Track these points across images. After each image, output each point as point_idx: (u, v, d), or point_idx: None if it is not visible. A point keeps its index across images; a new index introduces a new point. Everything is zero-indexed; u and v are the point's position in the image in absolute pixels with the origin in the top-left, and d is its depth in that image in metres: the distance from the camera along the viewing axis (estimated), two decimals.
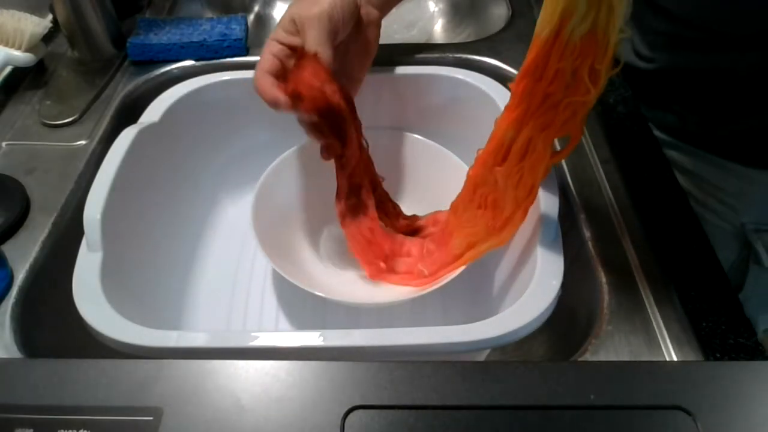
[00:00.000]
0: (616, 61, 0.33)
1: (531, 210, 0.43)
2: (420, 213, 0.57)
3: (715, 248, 0.61)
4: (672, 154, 0.62)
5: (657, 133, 0.62)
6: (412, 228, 0.55)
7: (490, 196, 0.41)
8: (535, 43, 0.33)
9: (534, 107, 0.35)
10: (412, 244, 0.53)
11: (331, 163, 0.51)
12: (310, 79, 0.44)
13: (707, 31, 0.52)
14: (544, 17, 0.32)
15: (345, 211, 0.51)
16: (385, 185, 0.56)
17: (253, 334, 0.36)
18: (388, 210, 0.55)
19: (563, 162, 0.52)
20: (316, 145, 0.55)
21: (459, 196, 0.46)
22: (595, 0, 0.30)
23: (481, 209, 0.42)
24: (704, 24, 0.52)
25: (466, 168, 0.54)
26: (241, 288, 0.56)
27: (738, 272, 0.62)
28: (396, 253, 0.53)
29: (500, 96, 0.53)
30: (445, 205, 0.54)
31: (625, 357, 0.38)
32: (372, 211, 0.53)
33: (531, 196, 0.39)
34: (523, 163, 0.38)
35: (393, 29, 0.84)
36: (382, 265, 0.51)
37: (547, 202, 0.43)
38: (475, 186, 0.42)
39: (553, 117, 0.35)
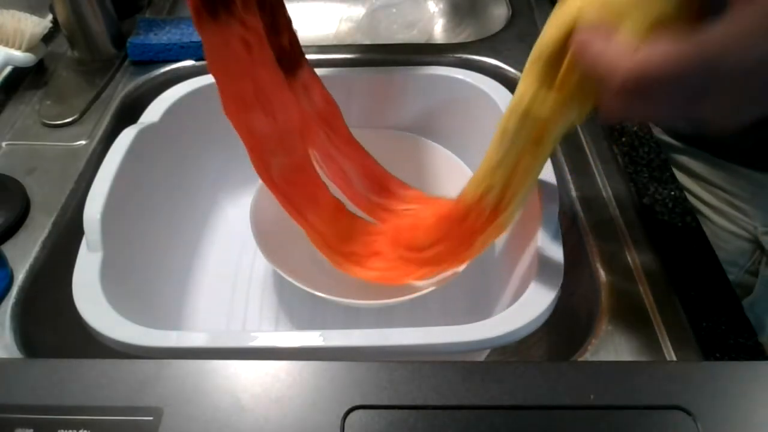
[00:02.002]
0: None
1: (531, 210, 0.43)
2: None
3: (728, 253, 0.61)
4: (684, 159, 0.61)
5: (668, 139, 0.62)
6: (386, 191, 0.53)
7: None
8: (463, 199, 0.39)
9: (452, 235, 0.42)
10: (379, 237, 0.51)
11: None
12: None
13: None
14: (470, 187, 0.39)
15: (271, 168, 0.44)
16: None
17: (252, 334, 0.36)
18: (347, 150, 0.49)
19: (563, 161, 0.52)
20: None
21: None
22: (509, 182, 0.36)
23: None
24: None
25: (466, 168, 0.54)
26: (241, 288, 0.56)
27: (750, 276, 0.62)
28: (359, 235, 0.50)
29: (500, 96, 0.53)
30: None
31: (625, 357, 0.38)
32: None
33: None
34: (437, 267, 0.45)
35: (393, 29, 0.84)
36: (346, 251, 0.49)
37: (547, 202, 0.43)
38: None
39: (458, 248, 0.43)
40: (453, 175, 0.54)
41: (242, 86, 0.41)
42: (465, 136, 0.57)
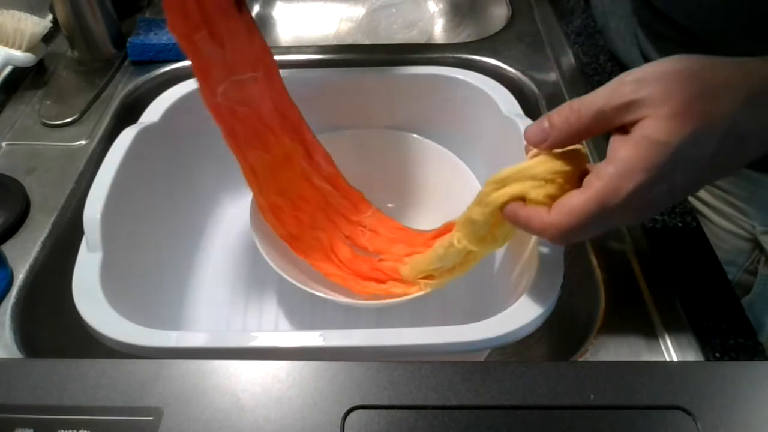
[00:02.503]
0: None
1: None
2: (420, 214, 0.57)
3: (727, 252, 0.61)
4: None
5: None
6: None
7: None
8: (401, 275, 0.48)
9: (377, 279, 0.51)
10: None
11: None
12: None
13: (711, 43, 0.52)
14: (411, 271, 0.47)
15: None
16: (384, 186, 0.56)
17: (252, 334, 0.36)
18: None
19: None
20: None
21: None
22: (439, 275, 0.46)
23: None
24: (708, 37, 0.52)
25: (466, 168, 0.54)
26: (241, 288, 0.56)
27: (749, 275, 0.62)
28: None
29: (500, 96, 0.53)
30: (446, 206, 0.54)
31: (625, 357, 0.38)
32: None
33: None
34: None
35: (393, 29, 0.84)
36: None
37: None
38: None
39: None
40: (452, 175, 0.54)
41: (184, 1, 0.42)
42: (465, 136, 0.57)
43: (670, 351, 0.39)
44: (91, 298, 0.38)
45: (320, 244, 0.52)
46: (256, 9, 0.86)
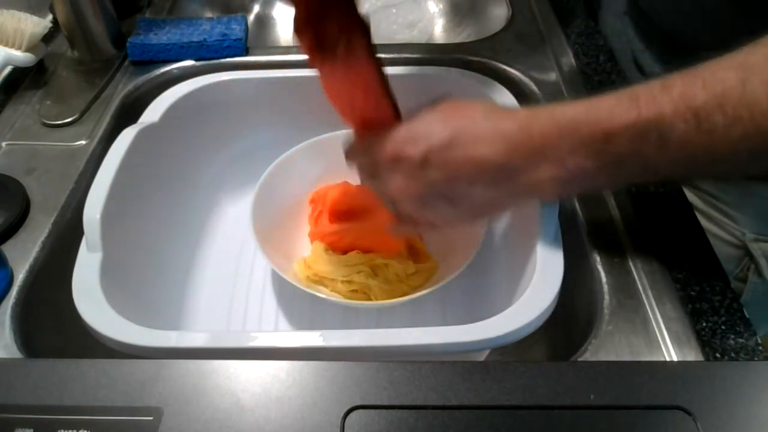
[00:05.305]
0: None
1: (531, 210, 0.43)
2: None
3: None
4: None
5: None
6: None
7: None
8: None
9: None
10: None
11: (333, 167, 0.51)
12: None
13: (694, 46, 0.53)
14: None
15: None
16: None
17: (252, 334, 0.36)
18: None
19: None
20: (315, 146, 0.56)
21: None
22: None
23: None
24: (695, 46, 0.53)
25: None
26: (241, 288, 0.56)
27: (739, 283, 0.62)
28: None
29: (500, 96, 0.53)
30: None
31: (625, 357, 0.38)
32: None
33: None
34: None
35: (393, 29, 0.84)
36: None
37: (547, 202, 0.43)
38: None
39: None
40: None
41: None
42: None
43: (670, 351, 0.39)
44: (91, 298, 0.38)
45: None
46: (256, 9, 0.86)
